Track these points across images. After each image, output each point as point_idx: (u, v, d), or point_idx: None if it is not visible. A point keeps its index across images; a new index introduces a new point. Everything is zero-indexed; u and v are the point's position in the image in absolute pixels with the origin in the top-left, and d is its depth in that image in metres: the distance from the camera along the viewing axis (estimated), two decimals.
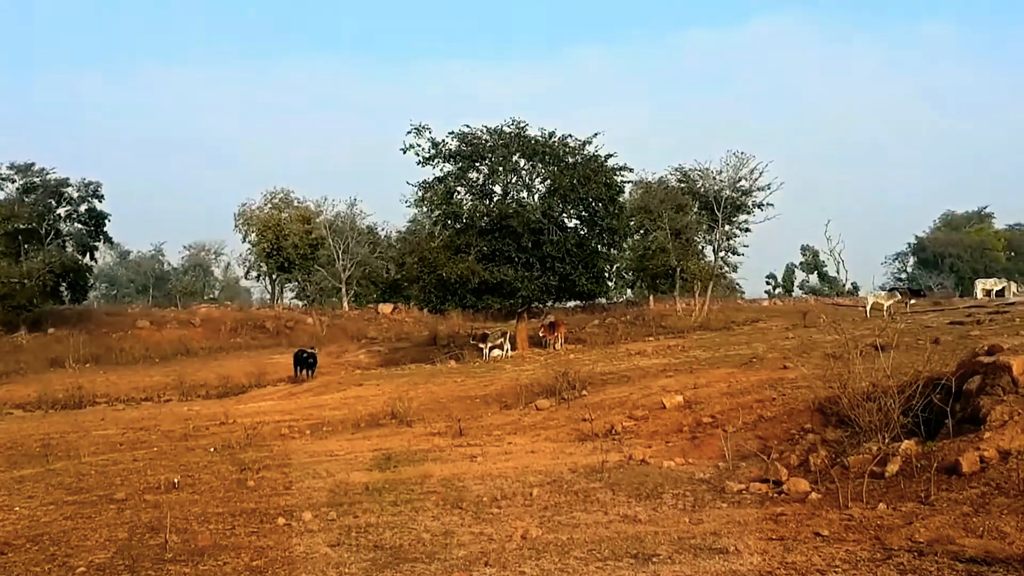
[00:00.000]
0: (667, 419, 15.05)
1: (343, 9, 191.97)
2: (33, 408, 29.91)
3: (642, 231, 48.98)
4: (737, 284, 65.00)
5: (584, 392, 20.00)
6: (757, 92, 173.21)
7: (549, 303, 41.00)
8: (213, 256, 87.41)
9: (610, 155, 37.30)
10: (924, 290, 45.53)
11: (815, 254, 78.66)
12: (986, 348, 12.30)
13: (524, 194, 37.86)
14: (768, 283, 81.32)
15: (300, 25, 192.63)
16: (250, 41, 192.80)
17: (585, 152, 37.34)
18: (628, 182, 39.67)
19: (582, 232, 37.41)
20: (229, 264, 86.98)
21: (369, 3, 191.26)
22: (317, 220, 64.49)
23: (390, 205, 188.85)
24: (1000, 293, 46.22)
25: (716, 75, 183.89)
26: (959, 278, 67.53)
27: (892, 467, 10.31)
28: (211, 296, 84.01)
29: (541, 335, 38.69)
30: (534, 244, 36.07)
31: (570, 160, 37.14)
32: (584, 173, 36.20)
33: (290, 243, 60.77)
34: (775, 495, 10.30)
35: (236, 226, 66.40)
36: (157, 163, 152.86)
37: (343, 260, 63.40)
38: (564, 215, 37.40)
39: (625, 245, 40.83)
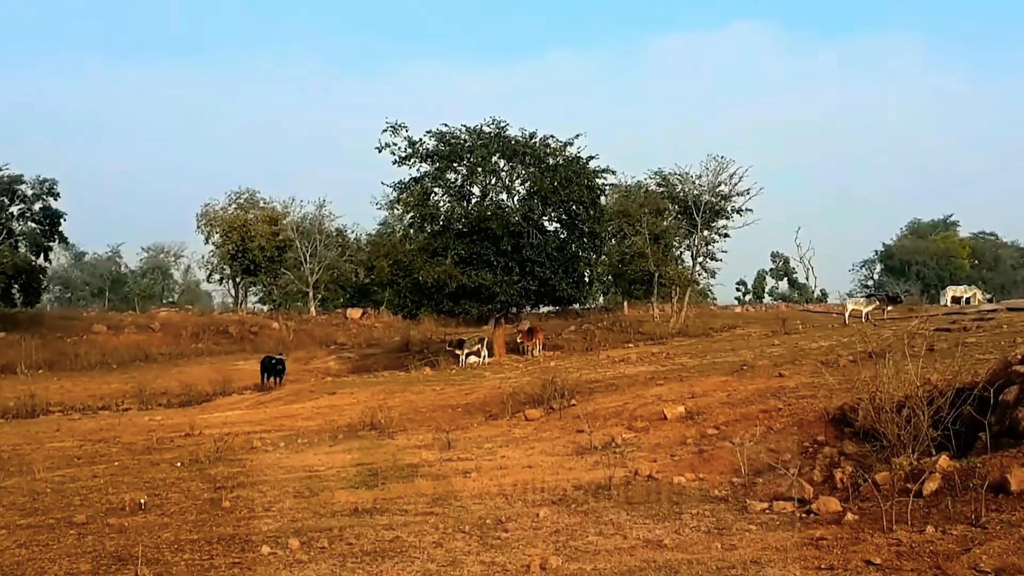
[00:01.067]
0: (669, 431, 14.34)
1: (313, 6, 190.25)
2: None
3: (620, 235, 48.36)
4: (709, 290, 64.76)
5: (573, 402, 19.27)
6: (725, 98, 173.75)
7: (527, 308, 40.23)
8: (173, 258, 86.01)
9: (592, 157, 36.74)
10: (901, 296, 45.30)
11: (785, 261, 78.84)
12: (1020, 356, 11.65)
13: (504, 196, 37.17)
14: (738, 289, 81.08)
15: (269, 20, 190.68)
16: (214, 36, 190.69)
17: (567, 153, 36.70)
18: (609, 185, 39.00)
19: (562, 236, 36.73)
20: (189, 267, 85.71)
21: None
22: (284, 221, 63.29)
23: (359, 207, 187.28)
24: (967, 301, 46.25)
25: (687, 80, 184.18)
26: (925, 285, 67.87)
27: (931, 485, 9.65)
28: (170, 300, 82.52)
29: (519, 341, 37.96)
30: (513, 247, 35.36)
31: (551, 161, 36.47)
32: (566, 175, 35.54)
33: (256, 244, 59.46)
34: (803, 515, 9.62)
35: (198, 227, 65.03)
36: (113, 162, 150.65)
37: (311, 263, 62.29)
38: (544, 218, 36.70)
39: (605, 249, 40.14)
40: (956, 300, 45.97)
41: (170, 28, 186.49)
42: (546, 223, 37.13)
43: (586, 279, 36.54)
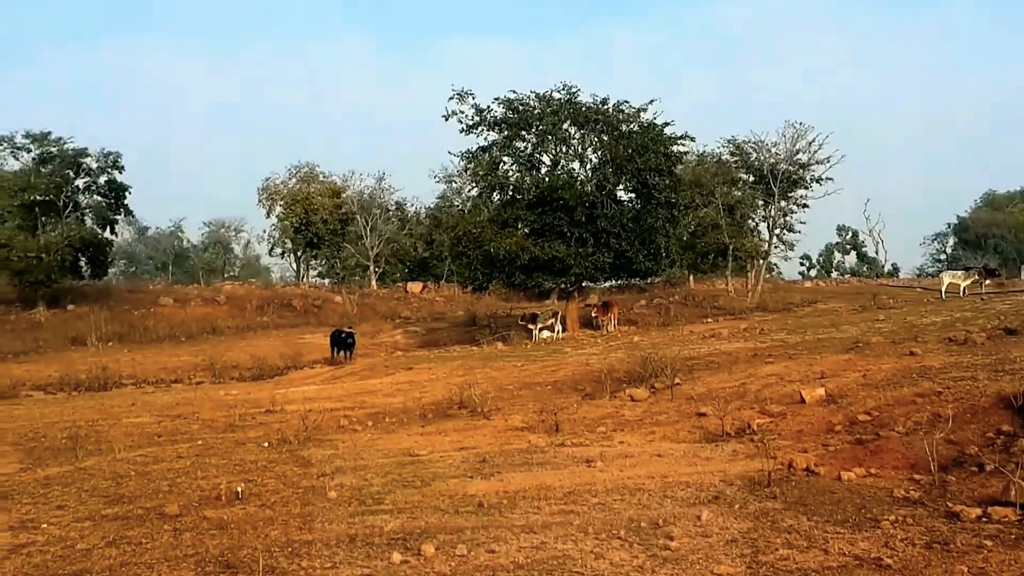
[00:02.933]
0: (810, 416, 12.72)
1: None
2: (55, 390, 27.82)
3: (692, 206, 46.08)
4: (773, 265, 62.54)
5: (677, 381, 17.70)
6: (793, 68, 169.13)
7: (600, 282, 38.69)
8: (233, 233, 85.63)
9: (667, 123, 34.93)
10: (998, 270, 42.77)
11: (854, 234, 76.01)
12: None
13: (575, 165, 35.54)
14: (802, 264, 78.58)
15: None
16: (270, 15, 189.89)
17: (641, 119, 34.93)
18: (686, 153, 37.09)
19: (637, 206, 34.93)
20: (249, 242, 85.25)
21: None
22: (345, 195, 62.12)
23: (419, 181, 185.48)
24: None
25: (757, 50, 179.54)
26: (1003, 259, 64.62)
27: None
28: (231, 274, 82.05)
29: (593, 315, 36.47)
30: (587, 218, 33.73)
31: (625, 128, 34.75)
32: (641, 142, 33.77)
33: (319, 217, 58.39)
34: None
35: (260, 201, 64.23)
36: (174, 139, 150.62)
37: (371, 237, 61.13)
38: (620, 187, 34.97)
39: (682, 221, 38.22)
40: None
41: (233, 6, 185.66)
42: (620, 193, 35.41)
43: (663, 251, 34.65)
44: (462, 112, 35.17)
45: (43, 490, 12.03)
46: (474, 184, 37.10)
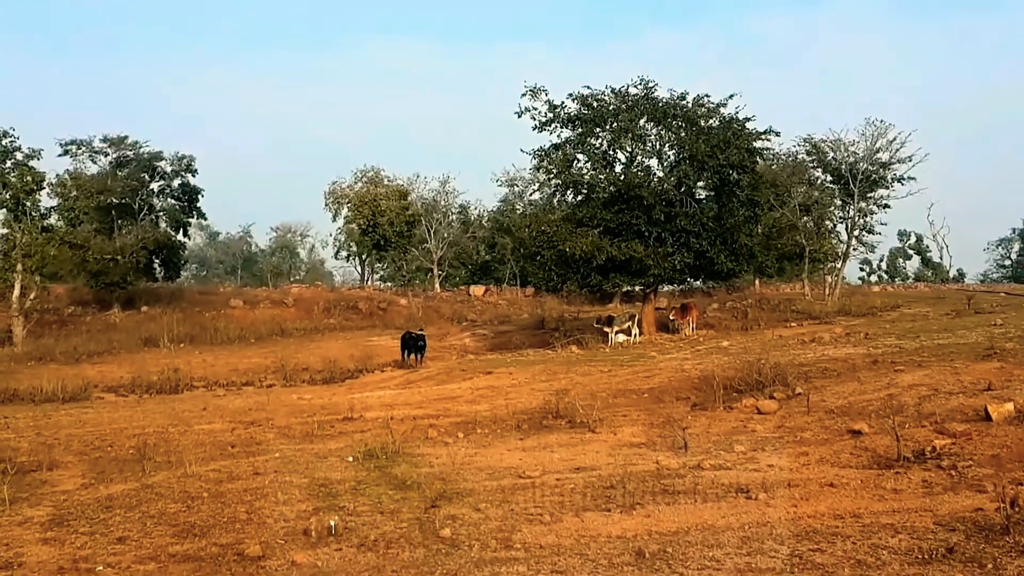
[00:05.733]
0: (1003, 437, 10.23)
1: None
2: (126, 392, 26.06)
3: (771, 206, 43.15)
4: (832, 267, 59.30)
5: (799, 391, 15.31)
6: (843, 75, 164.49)
7: (686, 283, 36.19)
8: (299, 238, 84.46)
9: (749, 118, 32.29)
10: None
11: (919, 238, 72.34)
12: None
13: (652, 161, 33.08)
14: (862, 269, 74.81)
15: (385, 6, 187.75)
16: (331, 22, 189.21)
17: (722, 114, 32.39)
18: (768, 149, 34.34)
19: (717, 204, 32.27)
20: (314, 246, 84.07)
21: None
22: (411, 197, 60.26)
23: (481, 184, 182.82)
24: None
25: (797, 58, 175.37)
26: None
27: None
28: (297, 278, 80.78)
29: (671, 318, 33.95)
30: (666, 217, 31.23)
31: (703, 124, 32.23)
32: (724, 137, 31.17)
33: (386, 219, 56.43)
34: None
35: (326, 204, 62.32)
36: (242, 147, 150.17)
37: (434, 240, 59.20)
38: (699, 183, 32.36)
39: (763, 220, 35.40)
40: None
41: (296, 17, 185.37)
42: (698, 191, 32.83)
43: (748, 252, 31.97)
44: (535, 109, 32.86)
45: (104, 514, 10.06)
46: (547, 182, 34.55)
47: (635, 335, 32.05)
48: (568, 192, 33.81)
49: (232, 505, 10.14)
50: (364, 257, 66.55)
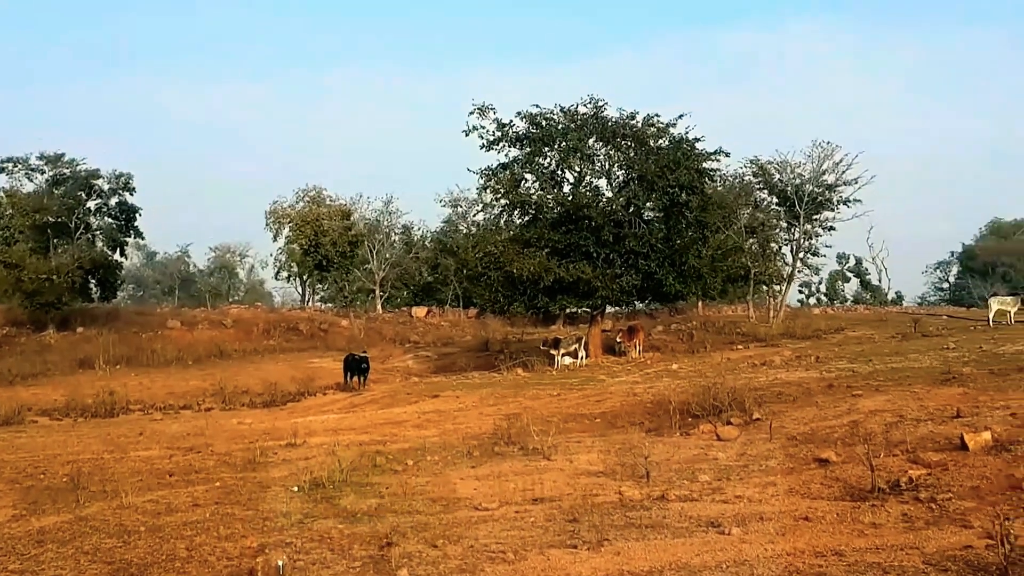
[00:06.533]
0: (981, 467, 9.87)
1: (378, 14, 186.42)
2: (61, 416, 25.01)
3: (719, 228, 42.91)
4: (776, 290, 59.49)
5: (757, 416, 14.97)
6: (788, 96, 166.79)
7: (632, 305, 35.87)
8: (238, 258, 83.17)
9: (698, 139, 32.14)
10: None
11: (859, 261, 72.96)
12: None
13: (601, 182, 32.80)
14: (802, 291, 75.31)
15: (335, 29, 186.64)
16: (280, 42, 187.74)
17: (672, 134, 32.19)
18: (717, 171, 34.18)
19: (666, 225, 32.00)
20: (253, 266, 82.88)
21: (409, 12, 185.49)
22: (354, 217, 59.45)
23: (425, 205, 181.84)
24: None
25: (749, 77, 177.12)
26: (1012, 287, 61.35)
27: None
28: (236, 298, 79.37)
29: (617, 341, 33.65)
30: (615, 238, 30.93)
31: (653, 144, 32.03)
32: (673, 158, 30.96)
33: (328, 240, 55.52)
34: None
35: (267, 224, 61.18)
36: (180, 165, 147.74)
37: (377, 260, 58.41)
38: (649, 203, 32.05)
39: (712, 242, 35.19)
40: None
41: (241, 36, 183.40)
42: (647, 212, 32.55)
43: (696, 274, 31.75)
44: (483, 127, 32.47)
45: (36, 549, 9.38)
46: (494, 202, 34.06)
47: (582, 358, 31.70)
48: (516, 212, 33.40)
49: (171, 540, 9.46)
50: (305, 277, 65.52)
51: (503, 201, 33.06)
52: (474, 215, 55.97)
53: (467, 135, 32.48)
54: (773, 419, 14.42)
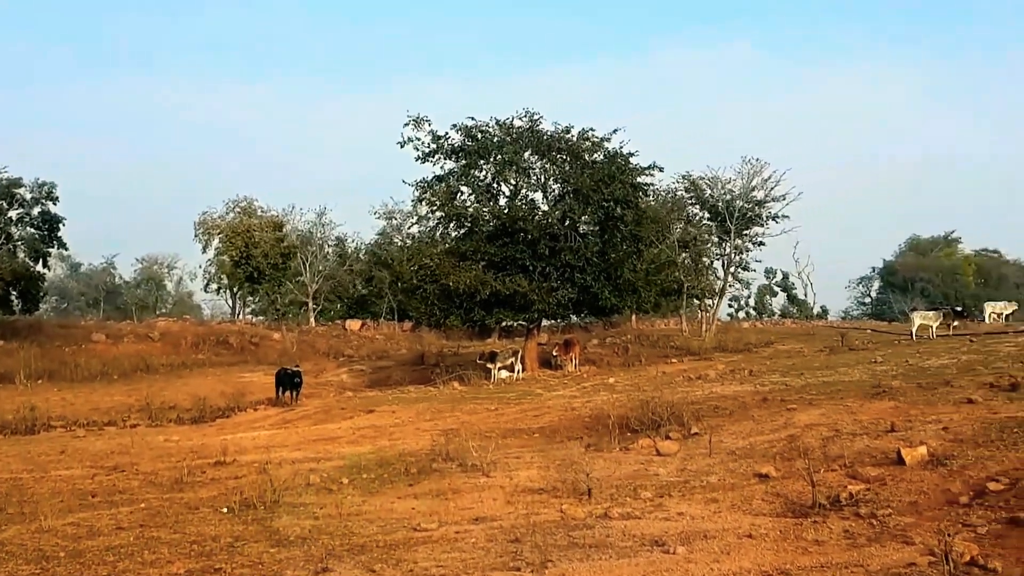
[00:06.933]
0: (919, 482, 9.85)
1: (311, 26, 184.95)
2: None
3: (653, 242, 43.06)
4: (708, 304, 59.96)
5: (695, 430, 14.88)
6: (718, 114, 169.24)
7: (567, 319, 35.80)
8: (166, 270, 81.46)
9: (632, 153, 32.24)
10: (965, 311, 40.63)
11: (785, 276, 73.99)
12: None
13: (537, 195, 32.72)
14: (731, 305, 76.05)
15: (265, 39, 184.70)
16: (211, 51, 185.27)
17: (607, 148, 32.24)
18: (651, 185, 34.28)
19: (602, 239, 32.00)
20: (181, 278, 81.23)
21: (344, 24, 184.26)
22: (286, 228, 58.52)
23: (359, 217, 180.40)
24: (1007, 317, 42.01)
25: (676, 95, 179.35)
26: (931, 302, 62.89)
27: None
28: (163, 311, 77.62)
29: (554, 354, 33.54)
30: (551, 252, 30.84)
31: (588, 158, 32.06)
32: (608, 171, 31.02)
33: (260, 251, 54.52)
34: None
35: (196, 235, 59.98)
36: (106, 175, 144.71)
37: (310, 273, 57.52)
38: (584, 216, 32.00)
39: (646, 256, 35.28)
40: (998, 316, 41.53)
41: (163, 41, 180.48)
42: (583, 225, 32.52)
43: (632, 288, 31.80)
44: (418, 139, 32.20)
45: None
46: (429, 215, 33.73)
47: (518, 371, 31.53)
48: (451, 225, 33.12)
49: (92, 567, 9.02)
50: (236, 290, 64.41)
51: (439, 214, 32.78)
52: (409, 227, 55.95)
53: (402, 147, 32.24)
54: (711, 433, 14.32)
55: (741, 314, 73.66)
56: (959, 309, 36.94)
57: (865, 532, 8.50)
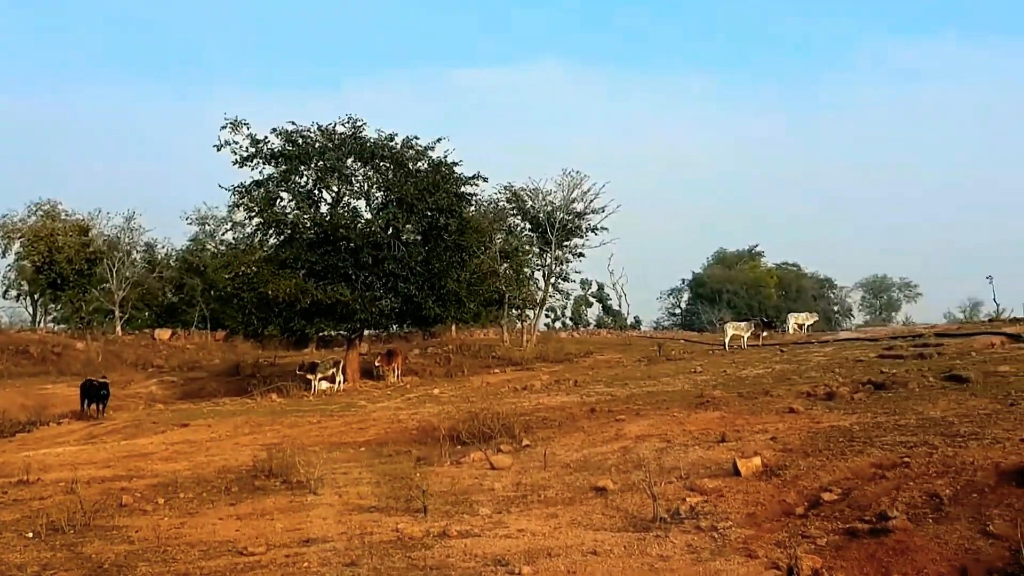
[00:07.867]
0: (755, 493, 9.91)
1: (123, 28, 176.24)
2: None
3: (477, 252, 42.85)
4: (528, 314, 60.51)
5: (527, 442, 14.70)
6: (538, 135, 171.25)
7: (389, 329, 35.09)
8: None
9: (457, 162, 32.05)
10: (774, 322, 42.42)
11: (600, 287, 75.42)
12: None
13: (360, 203, 32.04)
14: (548, 316, 77.03)
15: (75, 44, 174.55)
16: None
17: (430, 157, 31.91)
18: (475, 195, 34.17)
19: (425, 248, 31.61)
20: None
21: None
22: (92, 233, 55.35)
23: (170, 222, 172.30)
24: (809, 327, 44.22)
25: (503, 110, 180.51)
26: (737, 312, 65.58)
27: None
28: None
29: (376, 364, 32.90)
30: (374, 260, 30.21)
31: (412, 166, 31.64)
32: (432, 180, 30.70)
33: (64, 256, 51.36)
34: None
35: None
36: None
37: (117, 279, 54.59)
38: (408, 225, 31.49)
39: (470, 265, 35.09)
40: (800, 326, 43.55)
41: None
42: (406, 234, 32.02)
43: (455, 298, 31.49)
44: (236, 143, 30.99)
45: None
46: (247, 220, 32.48)
47: (339, 382, 30.74)
48: (271, 232, 32.01)
49: None
50: (37, 297, 60.67)
51: (257, 220, 31.64)
52: (223, 233, 53.92)
53: (219, 150, 30.97)
54: (543, 445, 14.18)
55: (558, 324, 74.75)
56: (768, 320, 38.51)
57: (708, 546, 8.45)
